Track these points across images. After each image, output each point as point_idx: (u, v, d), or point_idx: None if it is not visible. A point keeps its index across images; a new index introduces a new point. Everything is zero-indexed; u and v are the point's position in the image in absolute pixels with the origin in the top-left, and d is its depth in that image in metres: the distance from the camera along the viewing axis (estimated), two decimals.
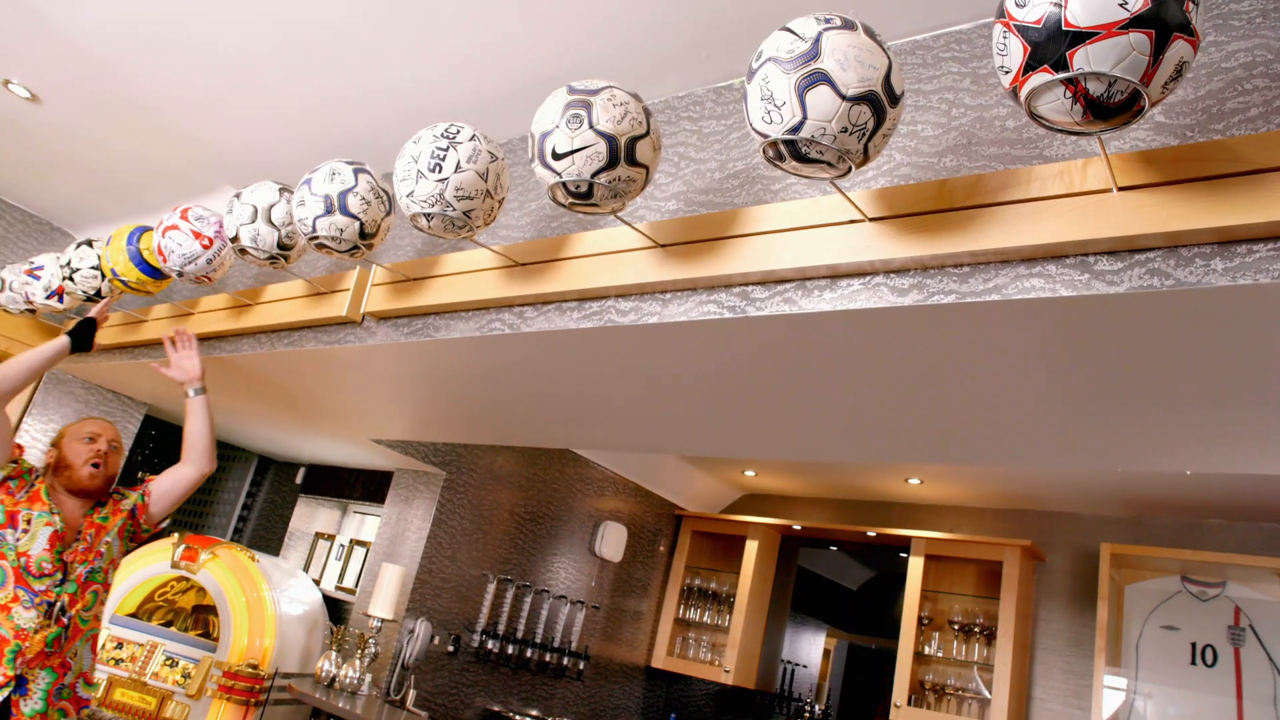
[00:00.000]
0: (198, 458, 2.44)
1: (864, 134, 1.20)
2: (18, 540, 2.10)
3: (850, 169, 1.25)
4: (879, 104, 1.19)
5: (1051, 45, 0.98)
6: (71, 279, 2.83)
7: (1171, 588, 3.81)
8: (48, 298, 2.97)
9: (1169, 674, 3.67)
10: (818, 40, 1.17)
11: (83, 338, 2.47)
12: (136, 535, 2.37)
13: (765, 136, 1.23)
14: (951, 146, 1.48)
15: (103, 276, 2.80)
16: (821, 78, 1.16)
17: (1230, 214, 1.11)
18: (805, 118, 1.17)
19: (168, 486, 2.40)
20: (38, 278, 2.97)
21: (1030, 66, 1.01)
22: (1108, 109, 1.02)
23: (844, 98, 1.16)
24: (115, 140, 2.87)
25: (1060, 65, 0.98)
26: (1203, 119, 1.24)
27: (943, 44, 1.60)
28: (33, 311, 3.10)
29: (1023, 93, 1.04)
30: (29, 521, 2.12)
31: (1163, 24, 0.95)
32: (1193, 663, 3.64)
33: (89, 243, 2.85)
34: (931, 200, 1.36)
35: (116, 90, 2.53)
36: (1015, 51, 1.02)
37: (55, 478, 2.24)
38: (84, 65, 2.42)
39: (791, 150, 1.24)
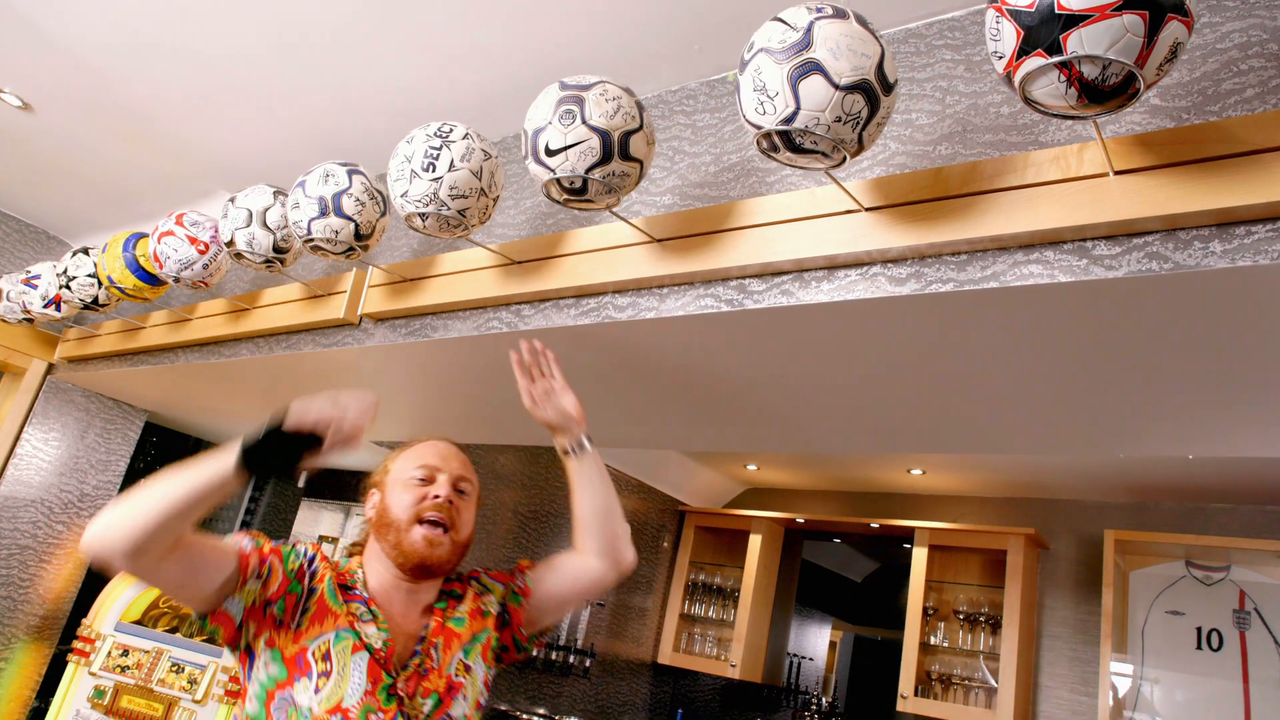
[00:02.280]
0: (608, 547, 1.54)
1: (858, 123, 1.19)
2: (316, 695, 1.26)
3: (845, 159, 1.25)
4: (872, 92, 1.18)
5: (1045, 29, 0.97)
6: (68, 287, 2.83)
7: (1176, 573, 3.81)
8: (45, 306, 2.96)
9: (1175, 659, 3.67)
10: (809, 29, 1.16)
11: (277, 456, 1.28)
12: (509, 654, 1.52)
13: (759, 128, 1.22)
14: (946, 134, 1.47)
15: (99, 284, 2.79)
16: (814, 67, 1.15)
17: (1228, 195, 1.10)
18: (799, 108, 1.17)
19: (558, 585, 1.55)
20: (35, 286, 2.96)
21: (1024, 51, 1.00)
22: (1103, 92, 1.01)
23: (837, 87, 1.16)
24: (109, 148, 2.86)
25: (1054, 49, 0.98)
26: (1198, 101, 1.23)
27: (935, 31, 1.60)
28: (30, 320, 3.09)
29: (1016, 78, 1.04)
30: (327, 657, 1.28)
31: (1156, 5, 0.94)
32: (1198, 647, 3.64)
33: (85, 250, 2.85)
34: (927, 189, 1.35)
35: (109, 98, 2.52)
36: (1008, 36, 1.01)
37: (378, 538, 1.42)
38: (76, 73, 2.42)
39: (786, 141, 1.23)
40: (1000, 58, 1.05)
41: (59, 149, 2.95)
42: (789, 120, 1.18)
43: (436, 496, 1.41)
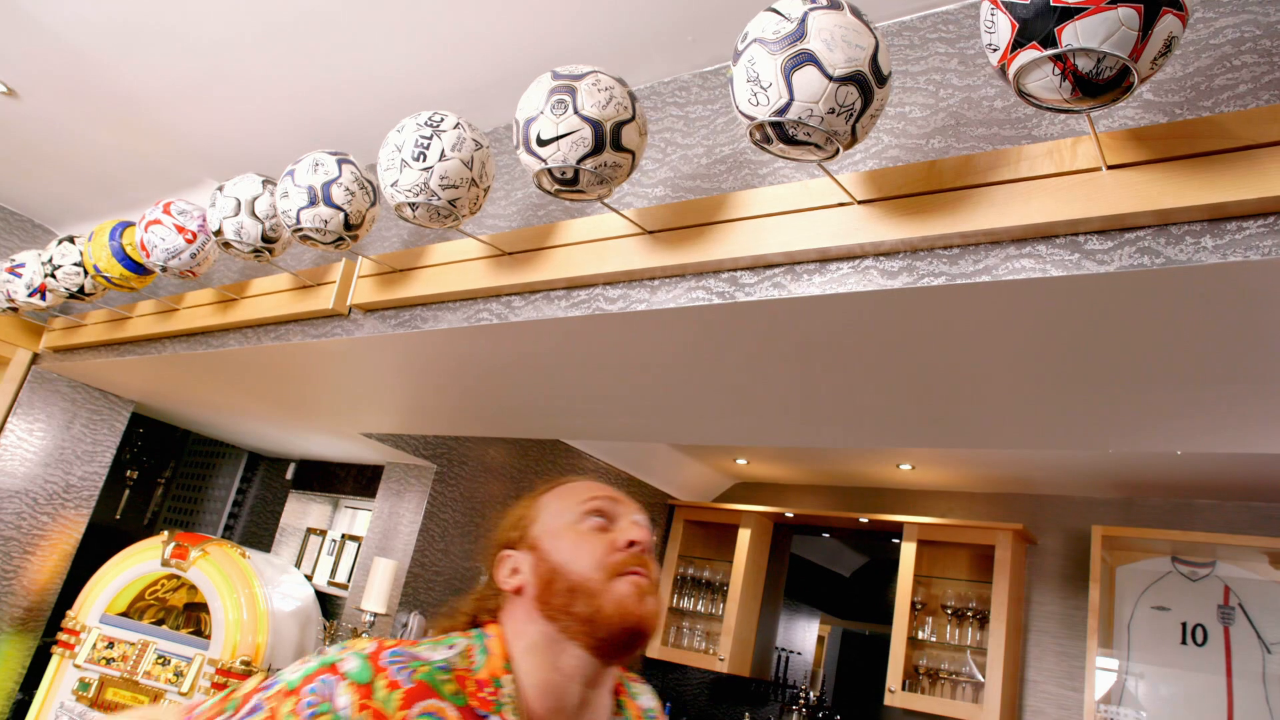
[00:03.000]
0: None
1: (851, 115, 1.19)
2: None
3: (838, 150, 1.24)
4: (866, 84, 1.18)
5: (1040, 21, 0.97)
6: (54, 276, 2.80)
7: (1162, 568, 3.83)
8: (30, 295, 2.93)
9: (1160, 654, 3.70)
10: (804, 20, 1.16)
11: None
12: None
13: (752, 119, 1.21)
14: (940, 128, 1.47)
15: (85, 273, 2.76)
16: (808, 58, 1.15)
17: (1220, 191, 1.10)
18: (792, 99, 1.16)
19: None
20: (19, 275, 2.93)
21: (1018, 43, 1.00)
22: (1097, 85, 1.01)
23: (831, 78, 1.15)
24: (96, 134, 2.83)
25: (1049, 41, 0.97)
26: (1191, 96, 1.23)
27: (929, 25, 1.59)
28: (15, 310, 3.06)
29: (1011, 70, 1.03)
30: None
31: None
32: (1183, 642, 3.66)
33: (71, 239, 2.82)
34: (920, 182, 1.35)
35: (96, 83, 2.49)
36: (1003, 28, 1.01)
37: (545, 615, 0.98)
38: (62, 58, 2.39)
39: (779, 133, 1.22)
40: (995, 50, 1.04)
41: (44, 135, 2.91)
42: (782, 111, 1.17)
43: (633, 544, 1.00)
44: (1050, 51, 0.98)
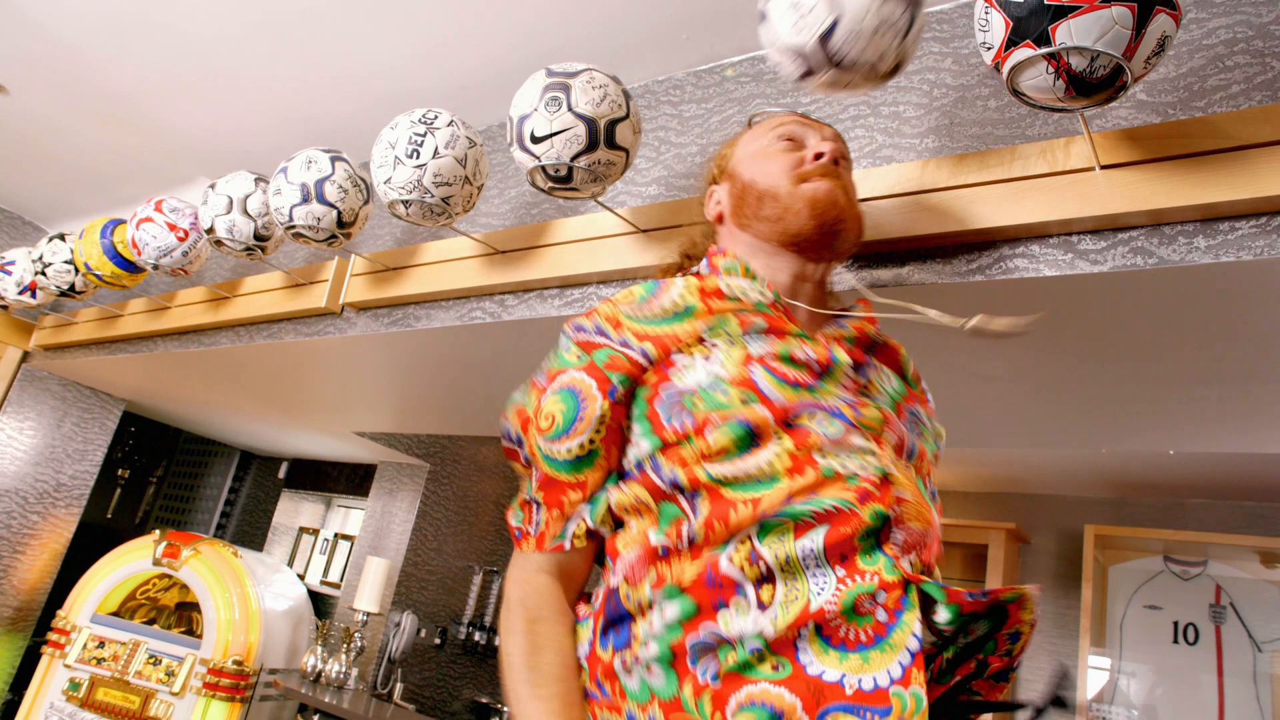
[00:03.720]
0: None
1: (899, 33, 1.13)
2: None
3: (890, 71, 1.17)
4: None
5: (1034, 20, 0.97)
6: (44, 273, 2.78)
7: (1154, 568, 3.85)
8: (20, 293, 2.92)
9: (1152, 653, 3.71)
10: None
11: None
12: None
13: (798, 49, 1.14)
14: (933, 127, 1.47)
15: (76, 271, 2.75)
16: None
17: (1213, 191, 1.10)
18: (841, 15, 1.10)
19: None
20: (9, 273, 2.91)
21: (1012, 41, 1.00)
22: (1090, 84, 1.01)
23: None
24: (86, 131, 2.81)
25: (1043, 39, 0.97)
26: (1184, 96, 1.23)
27: (924, 24, 1.59)
28: (5, 308, 3.04)
29: (1005, 68, 1.03)
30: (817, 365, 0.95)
31: None
32: (1175, 641, 3.68)
33: (61, 236, 2.80)
34: (913, 181, 1.35)
35: (87, 79, 2.48)
36: (997, 26, 1.01)
37: (740, 227, 1.09)
38: (53, 54, 2.37)
39: (826, 55, 1.13)
40: (989, 49, 1.04)
41: (35, 132, 2.90)
42: (829, 32, 1.11)
43: (820, 155, 1.06)
44: (1044, 50, 0.98)
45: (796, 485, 0.85)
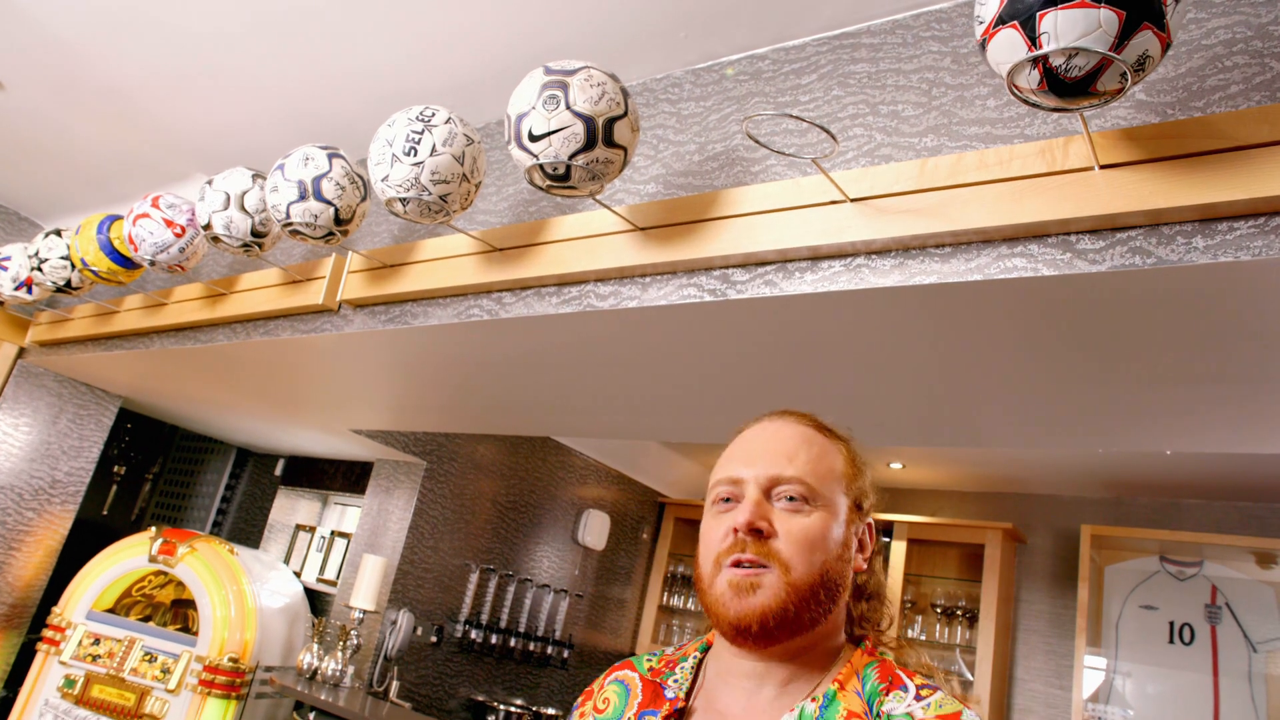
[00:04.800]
0: None
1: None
2: None
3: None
4: None
5: (1024, 1, 0.97)
6: (40, 269, 2.77)
7: (1150, 568, 3.85)
8: (16, 289, 2.91)
9: (1148, 653, 3.72)
10: None
11: None
12: None
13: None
14: (933, 126, 1.47)
15: (73, 267, 2.74)
16: None
17: (1211, 191, 1.10)
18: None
19: None
20: (5, 269, 2.90)
21: (1001, 20, 1.00)
22: (1064, 83, 1.02)
23: None
24: (83, 126, 2.81)
25: (1028, 25, 0.98)
26: (1183, 96, 1.23)
27: (923, 23, 1.59)
28: (0, 304, 3.03)
29: (989, 46, 1.03)
30: None
31: (1136, 8, 0.94)
32: (1170, 641, 3.68)
33: (58, 232, 2.79)
34: (912, 180, 1.35)
35: (83, 75, 2.47)
36: (992, 2, 1.02)
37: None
38: (49, 50, 2.36)
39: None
40: (980, 23, 1.04)
41: (32, 128, 2.89)
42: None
43: (734, 530, 0.91)
44: (1025, 34, 0.98)
45: None
